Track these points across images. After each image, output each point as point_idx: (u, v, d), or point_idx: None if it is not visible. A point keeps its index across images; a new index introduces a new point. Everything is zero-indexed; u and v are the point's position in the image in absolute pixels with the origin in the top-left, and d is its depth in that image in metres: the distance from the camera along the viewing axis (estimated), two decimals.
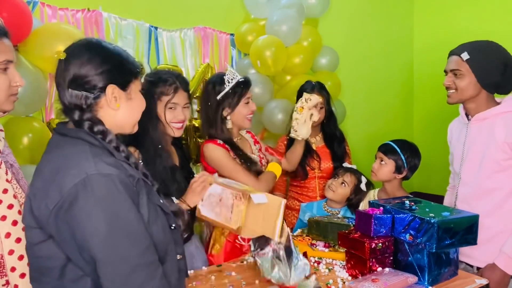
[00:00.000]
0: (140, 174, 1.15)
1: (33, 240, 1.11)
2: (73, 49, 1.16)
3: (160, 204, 1.18)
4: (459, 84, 1.83)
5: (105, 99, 1.15)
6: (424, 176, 4.04)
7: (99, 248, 1.02)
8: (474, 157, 1.88)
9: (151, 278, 1.06)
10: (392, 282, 1.51)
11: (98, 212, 1.01)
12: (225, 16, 3.01)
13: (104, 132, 1.14)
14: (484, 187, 1.85)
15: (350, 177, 2.24)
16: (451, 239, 1.55)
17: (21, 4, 1.88)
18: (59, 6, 2.31)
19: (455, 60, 1.84)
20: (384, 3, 4.02)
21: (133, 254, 1.04)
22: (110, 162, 1.08)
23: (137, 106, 1.23)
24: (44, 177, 1.08)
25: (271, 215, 1.53)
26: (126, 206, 1.05)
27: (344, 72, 3.38)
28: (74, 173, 1.03)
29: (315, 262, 1.87)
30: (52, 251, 1.08)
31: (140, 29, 2.58)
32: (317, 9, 3.07)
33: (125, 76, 1.18)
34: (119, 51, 1.20)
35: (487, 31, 2.15)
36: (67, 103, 1.14)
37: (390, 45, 4.09)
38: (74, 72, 1.12)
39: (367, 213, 1.70)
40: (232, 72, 2.01)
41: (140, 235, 1.06)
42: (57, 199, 1.02)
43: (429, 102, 4.09)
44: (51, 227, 1.05)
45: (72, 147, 1.10)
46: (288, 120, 2.65)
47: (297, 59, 2.91)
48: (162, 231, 1.15)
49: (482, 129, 1.86)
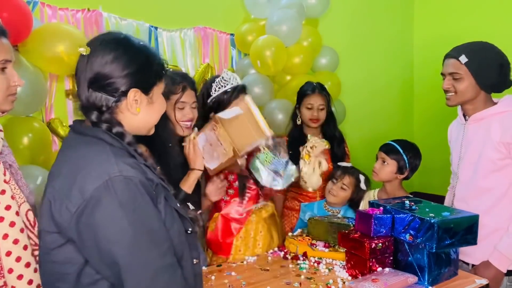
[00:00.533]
0: (158, 178, 1.12)
1: (50, 246, 1.07)
2: (98, 45, 1.09)
3: (177, 208, 1.16)
4: (459, 87, 1.84)
5: (126, 103, 1.10)
6: (424, 176, 4.04)
7: (123, 251, 0.99)
8: (470, 156, 1.90)
9: (174, 279, 1.05)
10: (392, 282, 1.51)
11: (122, 215, 0.99)
12: (225, 16, 3.01)
13: (122, 134, 1.10)
14: (480, 186, 1.87)
15: (349, 179, 2.22)
16: (451, 239, 1.55)
17: (21, 4, 1.88)
18: (59, 6, 2.31)
19: (453, 63, 1.85)
20: (384, 3, 4.02)
21: (156, 257, 1.02)
22: (131, 163, 1.04)
23: (157, 110, 1.18)
24: (63, 179, 1.04)
25: (248, 117, 1.56)
26: (148, 209, 1.03)
27: (344, 72, 3.38)
28: (95, 175, 1.00)
29: (315, 262, 1.87)
30: (70, 255, 1.05)
31: (140, 29, 2.59)
32: (317, 9, 3.07)
33: (149, 80, 1.13)
34: (147, 50, 1.14)
35: (487, 31, 2.15)
36: (85, 102, 1.10)
37: (390, 45, 4.09)
38: (97, 71, 1.07)
39: (367, 213, 1.70)
40: (223, 80, 1.91)
41: (162, 237, 1.05)
42: (79, 202, 0.99)
43: (429, 102, 4.09)
44: (72, 231, 1.02)
45: (91, 146, 1.06)
46: (288, 120, 2.65)
47: (297, 59, 2.91)
48: (178, 235, 1.12)
49: (478, 129, 1.88)
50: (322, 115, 2.49)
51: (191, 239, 1.20)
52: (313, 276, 1.74)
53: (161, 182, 1.12)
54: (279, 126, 2.78)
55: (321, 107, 2.47)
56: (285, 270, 1.81)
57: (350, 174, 2.23)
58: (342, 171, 2.25)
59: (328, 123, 2.56)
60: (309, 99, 2.48)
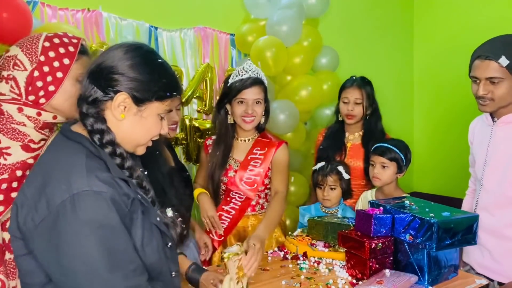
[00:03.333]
0: (135, 192, 1.08)
1: (16, 252, 1.05)
2: (120, 44, 1.11)
3: (157, 223, 1.12)
4: (498, 92, 1.65)
5: (112, 104, 1.06)
6: (424, 176, 4.05)
7: (85, 270, 0.96)
8: (498, 163, 1.74)
9: None
10: (399, 283, 1.51)
11: (87, 232, 0.95)
12: (225, 16, 3.01)
13: (103, 131, 1.07)
14: (507, 195, 1.71)
15: (333, 178, 2.17)
16: (451, 239, 1.55)
17: (21, 4, 1.87)
18: (59, 6, 2.31)
19: (492, 66, 1.63)
20: (384, 3, 4.02)
21: (118, 279, 0.98)
22: (104, 178, 1.00)
23: (146, 127, 1.11)
24: (35, 187, 1.01)
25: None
26: (116, 227, 0.99)
27: (344, 72, 3.37)
28: (64, 189, 0.96)
29: (315, 262, 1.87)
30: (32, 267, 1.02)
31: (140, 29, 2.58)
32: (317, 9, 3.06)
33: (147, 93, 1.08)
34: (160, 67, 1.12)
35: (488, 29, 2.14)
36: (82, 93, 1.09)
37: (390, 45, 4.09)
38: (100, 62, 1.07)
39: (367, 213, 1.70)
40: (243, 69, 1.98)
41: (128, 258, 1.01)
42: (44, 214, 0.96)
43: (429, 102, 4.08)
44: (34, 242, 0.99)
45: (69, 157, 1.03)
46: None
47: (297, 59, 2.91)
48: (157, 251, 1.10)
49: (508, 132, 1.72)
50: (358, 110, 2.36)
51: (171, 252, 1.19)
52: (313, 276, 1.74)
53: (139, 197, 1.08)
54: (280, 126, 2.79)
55: (357, 101, 2.34)
56: (285, 270, 1.81)
57: (330, 173, 2.18)
58: (322, 174, 2.20)
59: (370, 119, 2.40)
60: (345, 92, 2.40)
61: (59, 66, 1.29)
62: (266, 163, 2.04)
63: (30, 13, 1.96)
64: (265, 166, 2.03)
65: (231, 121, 2.04)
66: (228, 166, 2.06)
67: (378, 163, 2.12)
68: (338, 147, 2.43)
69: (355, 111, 2.37)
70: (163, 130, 1.16)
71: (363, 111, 2.37)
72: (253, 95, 1.97)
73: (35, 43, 1.29)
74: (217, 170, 2.04)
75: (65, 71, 1.29)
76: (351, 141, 2.46)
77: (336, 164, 2.23)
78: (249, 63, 2.02)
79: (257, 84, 1.98)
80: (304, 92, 2.91)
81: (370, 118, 2.41)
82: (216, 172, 2.04)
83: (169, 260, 1.17)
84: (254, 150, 2.06)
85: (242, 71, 1.98)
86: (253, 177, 2.03)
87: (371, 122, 2.42)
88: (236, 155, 2.08)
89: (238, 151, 2.08)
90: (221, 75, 2.93)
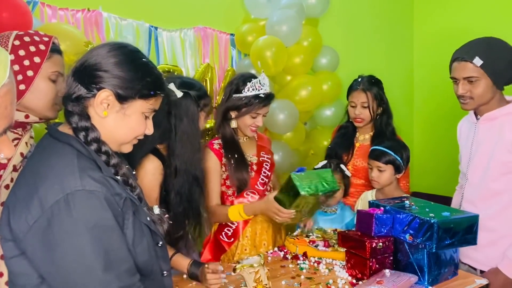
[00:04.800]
0: (127, 192, 1.08)
1: (7, 254, 1.04)
2: (102, 44, 1.12)
3: (147, 222, 1.13)
4: (476, 91, 1.75)
5: (95, 101, 1.06)
6: (424, 176, 4.05)
7: (80, 270, 0.96)
8: (481, 157, 1.83)
9: None
10: (399, 283, 1.51)
11: (81, 232, 0.95)
12: (225, 16, 3.01)
13: (87, 128, 1.06)
14: (490, 188, 1.80)
15: (337, 177, 2.14)
16: (451, 239, 1.55)
17: (21, 4, 1.87)
18: (59, 6, 2.31)
19: (467, 66, 1.74)
20: (384, 3, 4.02)
21: (112, 278, 0.98)
22: (97, 178, 1.00)
23: (129, 126, 1.11)
24: (26, 187, 1.01)
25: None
26: (110, 226, 0.99)
27: (344, 72, 3.38)
28: (58, 188, 0.96)
29: (315, 262, 1.87)
30: (25, 268, 1.02)
31: (140, 29, 2.58)
32: (317, 9, 3.07)
33: (130, 91, 1.08)
34: (143, 66, 1.11)
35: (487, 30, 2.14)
36: (67, 91, 1.10)
37: (390, 45, 4.09)
38: (84, 60, 1.08)
39: (368, 212, 1.70)
40: (259, 83, 1.96)
41: (121, 257, 1.02)
42: (38, 214, 0.96)
43: (429, 102, 4.09)
44: (27, 244, 0.99)
45: (59, 157, 1.03)
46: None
47: (297, 59, 2.91)
48: (148, 250, 1.10)
49: (491, 129, 1.81)
50: (366, 114, 2.32)
51: (161, 251, 1.19)
52: (313, 276, 1.74)
53: (130, 196, 1.08)
54: (279, 126, 2.79)
55: (364, 105, 2.31)
56: (285, 270, 1.81)
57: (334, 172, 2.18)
58: None
59: (380, 119, 2.37)
60: (352, 96, 2.36)
61: (29, 65, 1.27)
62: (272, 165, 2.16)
63: (30, 13, 1.96)
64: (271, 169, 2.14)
65: (233, 125, 2.05)
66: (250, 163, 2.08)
67: (374, 166, 2.12)
68: (346, 146, 2.41)
69: (362, 115, 2.33)
70: (148, 130, 1.16)
71: (371, 114, 2.33)
72: (266, 110, 2.02)
73: (5, 41, 1.27)
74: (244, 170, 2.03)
75: (35, 70, 1.27)
76: (361, 142, 2.43)
77: (335, 162, 2.23)
78: (263, 76, 2.00)
79: (271, 101, 2.02)
80: (304, 92, 2.92)
81: (381, 117, 2.37)
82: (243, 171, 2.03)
83: (160, 260, 1.18)
84: (261, 153, 2.13)
85: (258, 85, 1.96)
86: (265, 179, 2.10)
87: (381, 122, 2.37)
88: (247, 152, 2.10)
89: (244, 148, 2.10)
90: (221, 75, 2.93)
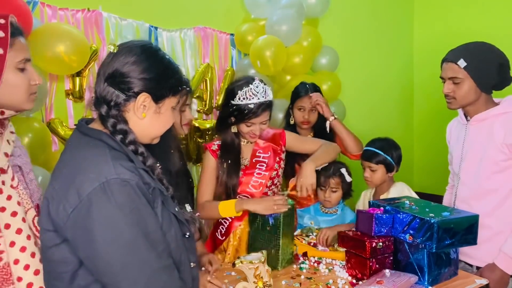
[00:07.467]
0: (156, 182, 1.14)
1: (47, 244, 1.10)
2: (126, 46, 1.16)
3: (175, 212, 1.17)
4: (459, 92, 1.83)
5: (134, 105, 1.13)
6: (424, 176, 4.05)
7: (120, 252, 1.01)
8: (473, 157, 1.89)
9: (171, 280, 1.08)
10: (399, 283, 1.51)
11: (119, 217, 1.01)
12: (225, 16, 3.01)
13: (126, 132, 1.13)
14: (483, 187, 1.86)
15: (335, 180, 2.19)
16: (451, 239, 1.55)
17: (21, 4, 1.87)
18: (59, 6, 2.30)
19: (452, 67, 1.82)
20: (384, 3, 4.02)
21: (152, 258, 1.04)
22: (129, 167, 1.07)
23: (163, 121, 1.20)
24: (63, 179, 1.07)
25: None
26: (145, 210, 1.05)
27: (344, 72, 3.38)
28: (93, 177, 1.02)
29: (315, 262, 1.87)
30: (65, 256, 1.07)
31: (140, 29, 2.58)
32: (317, 9, 3.06)
33: (162, 90, 1.16)
34: (168, 64, 1.19)
35: (487, 31, 2.13)
36: (99, 96, 1.14)
37: (390, 45, 4.09)
38: (116, 68, 1.12)
39: (368, 212, 1.70)
40: (251, 91, 1.90)
41: (158, 239, 1.07)
42: (75, 203, 1.01)
43: (429, 102, 4.09)
44: (67, 231, 1.04)
45: (92, 149, 1.09)
46: (282, 119, 2.65)
47: (297, 59, 2.91)
48: (176, 239, 1.14)
49: (481, 130, 1.87)
50: (313, 118, 2.47)
51: (189, 243, 1.22)
52: (313, 276, 1.74)
53: (159, 187, 1.13)
54: (279, 125, 2.78)
55: (313, 109, 2.45)
56: (285, 270, 1.82)
57: (333, 175, 2.20)
58: (324, 176, 2.21)
59: (319, 124, 2.50)
60: (301, 101, 2.47)
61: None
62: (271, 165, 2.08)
63: (30, 13, 1.97)
64: (271, 169, 2.08)
65: (234, 130, 2.05)
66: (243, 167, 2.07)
67: (366, 167, 2.16)
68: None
69: (310, 118, 2.46)
70: (176, 119, 1.30)
71: (318, 117, 2.47)
72: (261, 119, 1.97)
73: None
74: (234, 176, 2.03)
75: (1, 65, 1.19)
76: None
77: (339, 166, 2.24)
78: (257, 83, 1.93)
79: (266, 110, 1.96)
80: None
81: (320, 121, 2.49)
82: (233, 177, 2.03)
83: (188, 251, 1.20)
84: (257, 153, 2.09)
85: (250, 94, 1.91)
86: (259, 180, 2.06)
87: (319, 124, 2.50)
88: (245, 155, 2.10)
89: (243, 150, 2.10)
90: (221, 75, 2.93)
